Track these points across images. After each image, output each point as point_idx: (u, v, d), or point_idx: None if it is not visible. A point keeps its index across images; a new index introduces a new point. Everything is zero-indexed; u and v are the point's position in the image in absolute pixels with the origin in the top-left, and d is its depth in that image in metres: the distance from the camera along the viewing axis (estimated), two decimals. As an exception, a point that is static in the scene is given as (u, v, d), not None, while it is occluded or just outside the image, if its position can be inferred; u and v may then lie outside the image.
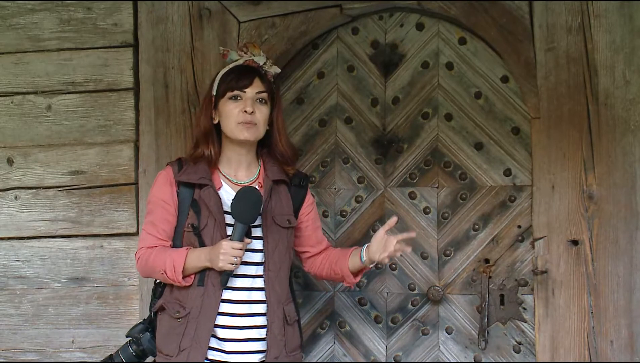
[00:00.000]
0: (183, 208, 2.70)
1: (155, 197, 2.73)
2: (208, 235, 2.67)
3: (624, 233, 2.99)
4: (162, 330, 2.68)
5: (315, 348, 3.34)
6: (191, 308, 2.63)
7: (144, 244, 2.71)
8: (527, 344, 3.16)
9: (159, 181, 2.75)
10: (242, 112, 2.69)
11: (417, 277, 3.27)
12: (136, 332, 2.74)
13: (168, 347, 2.64)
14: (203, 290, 2.64)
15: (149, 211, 2.75)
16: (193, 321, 2.63)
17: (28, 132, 3.46)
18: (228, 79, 2.73)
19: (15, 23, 3.47)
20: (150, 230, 2.71)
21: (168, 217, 2.70)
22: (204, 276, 2.64)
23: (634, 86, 3.01)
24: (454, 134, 3.25)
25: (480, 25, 3.15)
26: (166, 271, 2.62)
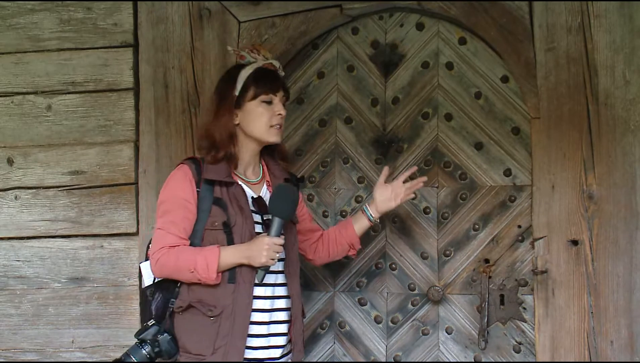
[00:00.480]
0: (204, 206, 2.67)
1: (174, 196, 2.68)
2: (238, 232, 2.67)
3: (624, 233, 2.99)
4: (190, 329, 2.64)
5: (315, 348, 3.34)
6: (224, 306, 2.62)
7: (164, 243, 2.64)
8: (527, 344, 3.16)
9: (177, 179, 2.70)
10: (275, 115, 2.76)
11: (417, 277, 3.27)
12: (151, 334, 2.65)
13: (199, 347, 2.62)
14: (234, 287, 2.63)
15: (167, 210, 2.68)
16: (227, 319, 2.62)
17: (28, 132, 3.46)
18: (259, 82, 2.75)
19: (15, 23, 3.47)
20: (171, 229, 2.65)
21: (189, 216, 2.67)
22: (234, 273, 2.64)
23: (634, 86, 3.01)
24: (454, 134, 3.26)
25: (480, 25, 3.15)
26: (197, 270, 2.58)
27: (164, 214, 2.68)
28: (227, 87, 2.77)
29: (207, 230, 2.67)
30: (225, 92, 2.77)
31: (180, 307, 2.66)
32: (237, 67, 2.81)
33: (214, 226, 2.66)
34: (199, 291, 2.65)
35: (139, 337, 2.66)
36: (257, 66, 2.78)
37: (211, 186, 2.69)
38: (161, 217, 2.69)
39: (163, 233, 2.65)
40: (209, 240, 2.66)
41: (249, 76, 2.75)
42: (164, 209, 2.69)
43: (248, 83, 2.75)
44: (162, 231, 2.66)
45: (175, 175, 2.73)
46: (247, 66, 2.78)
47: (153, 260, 2.65)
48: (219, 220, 2.66)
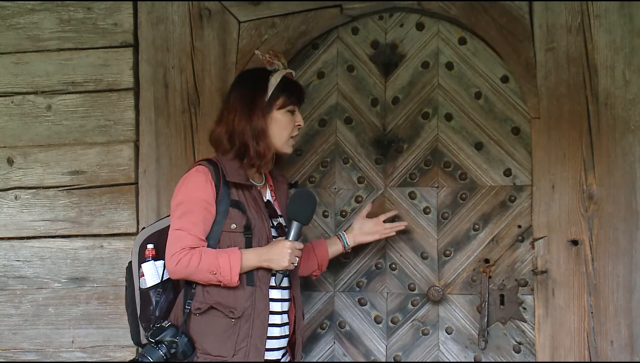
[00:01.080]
0: (221, 208, 2.67)
1: (195, 197, 2.66)
2: (257, 235, 2.69)
3: (624, 233, 2.99)
4: (210, 331, 2.64)
5: (315, 348, 3.34)
6: (244, 308, 2.64)
7: (185, 244, 2.62)
8: (527, 344, 3.15)
9: (198, 181, 2.68)
10: (296, 127, 2.80)
11: (417, 277, 3.27)
12: (170, 335, 2.63)
13: (221, 348, 2.63)
14: (252, 290, 2.65)
15: (186, 211, 2.65)
16: (246, 321, 2.63)
17: (28, 132, 3.46)
18: (288, 91, 2.77)
19: (15, 23, 3.47)
20: (192, 230, 2.63)
21: (209, 217, 2.67)
22: (252, 276, 2.66)
23: (634, 86, 3.01)
24: (454, 134, 3.25)
25: (480, 25, 3.15)
26: (220, 272, 2.59)
27: (183, 215, 2.65)
28: (258, 91, 2.76)
29: (225, 232, 2.67)
30: (256, 95, 2.76)
31: (199, 309, 2.65)
32: (264, 71, 2.80)
33: (232, 228, 2.67)
34: (216, 293, 2.65)
35: (156, 338, 2.64)
36: (282, 74, 2.79)
37: (228, 188, 2.70)
38: (180, 218, 2.65)
39: (183, 234, 2.63)
40: (225, 242, 2.67)
41: (279, 84, 2.76)
42: (184, 209, 2.66)
43: (277, 91, 2.76)
44: (183, 232, 2.63)
45: (195, 176, 2.69)
46: (276, 73, 2.79)
47: (173, 261, 2.62)
48: (239, 223, 2.67)
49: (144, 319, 2.73)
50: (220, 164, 2.72)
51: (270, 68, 2.80)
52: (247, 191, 2.73)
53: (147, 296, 2.72)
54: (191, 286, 2.68)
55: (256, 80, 2.79)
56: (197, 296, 2.67)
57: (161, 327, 2.65)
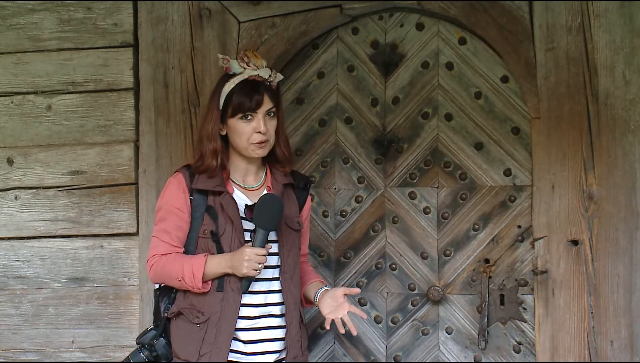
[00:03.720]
0: (197, 214, 2.69)
1: (167, 204, 2.70)
2: (226, 241, 2.68)
3: (624, 233, 2.99)
4: (180, 335, 2.67)
5: (315, 348, 3.34)
6: (210, 313, 2.64)
7: (157, 251, 2.69)
8: (527, 344, 3.16)
9: (171, 188, 2.72)
10: (255, 133, 2.69)
11: (417, 277, 3.27)
12: (149, 339, 2.70)
13: (186, 352, 2.64)
14: (222, 296, 2.65)
15: (161, 219, 2.71)
16: (213, 326, 2.63)
17: (28, 132, 3.46)
18: (237, 99, 2.68)
19: (15, 23, 3.47)
20: (164, 237, 2.68)
21: (182, 224, 2.69)
22: (222, 281, 2.65)
23: (634, 86, 3.01)
24: (454, 134, 3.26)
25: (480, 25, 3.15)
26: (184, 278, 2.62)
27: (159, 222, 2.72)
28: (214, 100, 2.75)
29: (200, 237, 2.69)
30: (212, 102, 2.75)
31: (173, 312, 2.69)
32: (223, 78, 2.76)
33: (205, 234, 2.68)
34: (192, 298, 2.67)
35: (139, 340, 2.72)
36: (241, 79, 2.70)
37: (204, 194, 2.70)
38: (156, 225, 2.73)
39: (156, 241, 2.70)
40: (201, 247, 2.69)
41: (231, 92, 2.70)
42: (159, 217, 2.73)
43: (228, 99, 2.70)
44: (156, 238, 2.71)
45: (170, 183, 2.74)
46: (231, 80, 2.71)
47: (147, 267, 2.71)
48: (209, 228, 2.68)
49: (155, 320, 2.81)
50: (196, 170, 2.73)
51: (229, 73, 2.74)
52: (219, 196, 2.71)
53: (156, 299, 2.79)
54: (172, 290, 2.72)
55: (215, 88, 2.77)
56: (177, 299, 2.71)
57: (146, 330, 2.74)
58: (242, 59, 2.73)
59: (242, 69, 2.72)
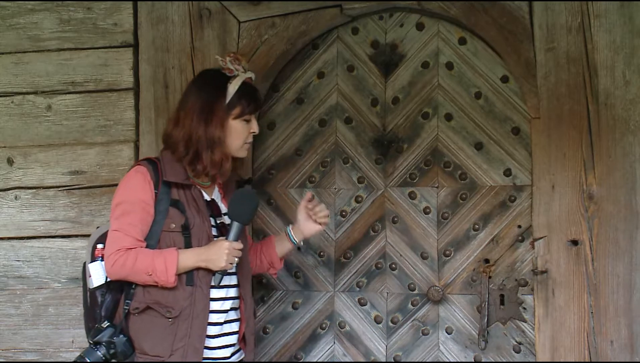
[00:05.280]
0: (161, 208, 2.66)
1: (132, 197, 2.65)
2: (196, 234, 2.67)
3: (624, 233, 2.99)
4: (146, 331, 2.64)
5: (315, 348, 3.34)
6: (182, 307, 2.63)
7: (121, 245, 2.61)
8: (527, 344, 3.16)
9: (136, 181, 2.67)
10: (250, 133, 2.77)
11: (417, 277, 3.27)
12: (107, 336, 2.62)
13: (158, 348, 2.62)
14: (192, 290, 2.64)
15: (124, 212, 2.64)
16: (184, 320, 2.62)
17: (28, 132, 3.46)
18: (244, 101, 2.73)
19: (15, 23, 3.47)
20: (129, 231, 2.62)
21: (147, 218, 2.65)
22: (192, 275, 2.64)
23: (634, 86, 3.01)
24: (454, 134, 3.25)
25: (480, 25, 3.15)
26: (156, 273, 2.59)
27: (121, 216, 2.65)
28: (216, 98, 2.72)
29: (164, 231, 2.66)
30: (215, 103, 2.72)
31: (137, 308, 2.65)
32: (222, 77, 2.76)
33: (171, 228, 2.66)
34: (156, 293, 2.64)
35: (94, 339, 2.64)
36: (240, 81, 2.74)
37: (168, 188, 2.68)
38: (118, 218, 2.65)
39: (120, 234, 2.63)
40: (165, 241, 2.66)
41: (236, 92, 2.72)
42: (122, 210, 2.65)
43: (234, 100, 2.72)
44: (120, 232, 2.63)
45: (133, 177, 2.69)
46: (234, 79, 2.74)
47: (109, 262, 2.62)
48: (177, 222, 2.66)
49: (91, 319, 2.72)
50: (160, 163, 2.71)
51: (229, 75, 2.75)
52: (188, 190, 2.71)
53: (94, 296, 2.71)
54: (131, 286, 2.67)
55: (215, 86, 2.74)
56: (136, 295, 2.66)
57: (99, 327, 2.65)
58: (235, 62, 2.75)
59: (238, 72, 2.76)
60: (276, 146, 3.41)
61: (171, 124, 2.76)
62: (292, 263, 3.37)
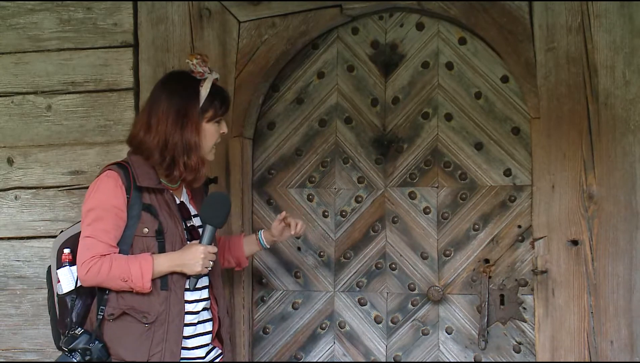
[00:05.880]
0: (133, 213, 2.63)
1: (105, 203, 2.61)
2: (170, 239, 2.66)
3: (624, 233, 2.99)
4: (123, 337, 2.61)
5: (315, 348, 3.34)
6: (157, 312, 2.61)
7: (95, 252, 2.57)
8: (527, 344, 3.16)
9: (108, 187, 2.63)
10: (219, 135, 2.77)
11: (417, 277, 3.27)
12: (83, 343, 2.59)
13: (135, 354, 2.60)
14: (166, 294, 2.63)
15: (97, 218, 2.59)
16: (160, 325, 2.62)
17: (28, 132, 3.46)
18: (216, 103, 2.73)
19: (15, 23, 3.48)
20: (102, 237, 2.59)
21: (120, 223, 2.62)
22: (166, 280, 2.63)
23: (634, 86, 3.01)
24: (454, 134, 3.25)
25: (480, 25, 3.15)
26: (132, 279, 2.57)
27: (94, 222, 2.61)
28: (190, 102, 2.69)
29: (137, 236, 2.64)
30: (189, 107, 2.69)
31: (112, 315, 2.62)
32: (193, 80, 2.73)
33: (144, 233, 2.64)
34: (130, 298, 2.62)
35: (69, 346, 2.60)
36: (210, 82, 2.73)
37: (140, 192, 2.66)
38: (90, 225, 2.61)
39: (94, 241, 2.59)
40: (138, 246, 2.64)
41: (208, 95, 2.71)
42: (94, 216, 2.61)
43: (207, 103, 2.71)
44: (93, 239, 2.59)
45: (104, 182, 2.64)
46: (204, 82, 2.72)
47: (83, 269, 2.58)
48: (150, 227, 2.65)
49: (61, 325, 2.70)
50: (130, 168, 2.67)
51: (200, 78, 2.73)
52: (159, 194, 2.69)
53: (63, 302, 2.69)
54: (104, 292, 2.64)
55: (187, 89, 2.71)
56: (110, 301, 2.63)
57: (74, 334, 2.61)
58: (202, 64, 2.73)
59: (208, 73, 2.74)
60: (276, 146, 3.41)
61: (142, 130, 2.70)
62: (292, 263, 3.38)
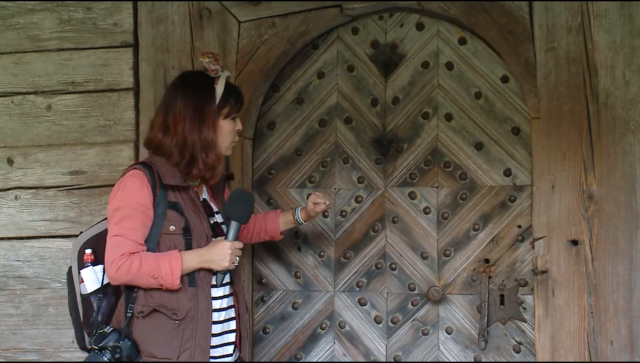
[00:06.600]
0: (159, 211, 2.66)
1: (132, 202, 2.63)
2: (196, 236, 2.69)
3: (624, 233, 2.99)
4: (153, 334, 2.64)
5: (315, 348, 3.34)
6: (186, 309, 2.64)
7: (124, 250, 2.59)
8: (527, 344, 3.16)
9: (135, 185, 2.65)
10: (236, 132, 2.81)
11: (417, 277, 3.27)
12: (113, 341, 2.61)
13: (165, 350, 2.63)
14: (194, 291, 2.66)
15: (125, 217, 2.62)
16: (190, 322, 2.64)
17: (28, 132, 3.46)
18: (232, 100, 2.77)
19: (15, 23, 3.47)
20: (131, 236, 2.61)
21: (147, 221, 2.65)
22: (194, 276, 2.66)
23: (634, 86, 3.01)
24: (454, 134, 3.25)
25: (480, 25, 3.15)
26: (162, 276, 2.59)
27: (121, 221, 2.63)
28: (206, 101, 2.73)
29: (164, 234, 2.67)
30: (206, 105, 2.72)
31: (142, 312, 2.64)
32: (207, 78, 2.77)
33: (171, 230, 2.66)
34: (159, 296, 2.64)
35: (100, 344, 2.62)
36: (224, 80, 2.76)
37: (165, 190, 2.68)
38: (118, 223, 2.63)
39: (122, 239, 2.61)
40: (165, 244, 2.66)
41: (224, 93, 2.75)
42: (122, 215, 2.63)
43: (223, 100, 2.74)
44: (121, 237, 2.61)
45: (130, 181, 2.67)
46: (219, 80, 2.76)
47: (113, 267, 2.60)
48: (177, 224, 2.67)
49: (87, 325, 2.71)
50: (155, 166, 2.69)
51: (214, 76, 2.77)
52: (184, 192, 2.72)
53: (88, 302, 2.70)
54: (133, 290, 2.66)
55: (202, 88, 2.75)
56: (139, 299, 2.65)
57: (104, 332, 2.63)
58: (215, 62, 2.77)
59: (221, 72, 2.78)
60: (276, 146, 3.41)
61: (159, 132, 2.73)
62: (292, 263, 3.38)
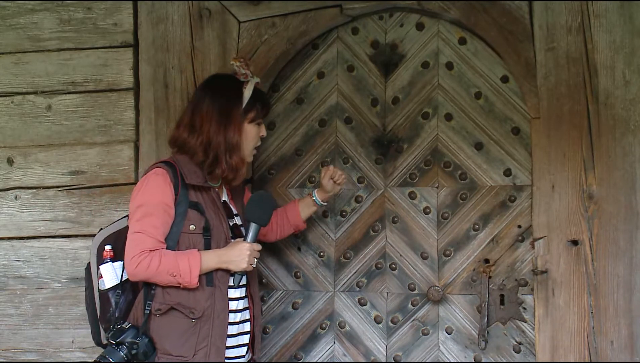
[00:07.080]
0: (180, 210, 2.69)
1: (154, 199, 2.67)
2: (215, 236, 2.72)
3: (624, 233, 2.99)
4: (170, 332, 2.66)
5: (315, 348, 3.34)
6: (203, 308, 2.66)
7: (144, 247, 2.63)
8: (527, 344, 3.16)
9: (158, 183, 2.69)
10: (259, 138, 2.86)
11: (417, 277, 3.27)
12: (130, 337, 2.64)
13: (181, 348, 2.65)
14: (212, 290, 2.68)
15: (146, 214, 2.66)
16: (206, 321, 2.66)
17: (28, 132, 3.46)
18: (258, 105, 2.81)
19: (15, 23, 3.47)
20: (152, 233, 2.65)
21: (168, 220, 2.69)
22: (212, 276, 2.68)
23: (634, 86, 3.01)
24: (454, 134, 3.26)
25: (480, 25, 3.15)
26: (180, 274, 2.61)
27: (143, 218, 2.66)
28: (233, 103, 2.78)
29: (183, 233, 2.69)
30: (233, 107, 2.78)
31: (159, 310, 2.67)
32: (236, 82, 2.82)
33: (191, 230, 2.69)
34: (176, 294, 2.67)
35: (117, 340, 2.64)
36: (253, 85, 2.81)
37: (186, 190, 2.71)
38: (140, 220, 2.66)
39: (143, 236, 2.64)
40: (184, 243, 2.69)
41: (251, 98, 2.80)
42: (143, 212, 2.67)
43: (250, 104, 2.79)
44: (142, 234, 2.64)
45: (153, 179, 2.71)
46: (248, 84, 2.81)
47: (132, 264, 2.63)
48: (197, 224, 2.70)
49: (103, 320, 2.74)
50: (178, 166, 2.73)
51: (243, 80, 2.82)
52: (205, 192, 2.76)
53: (106, 297, 2.73)
54: (151, 288, 2.69)
55: (231, 90, 2.80)
56: (157, 297, 2.68)
57: (122, 328, 2.67)
58: (246, 67, 2.82)
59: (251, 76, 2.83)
60: (276, 146, 3.41)
61: (185, 131, 2.79)
62: (292, 263, 3.38)
